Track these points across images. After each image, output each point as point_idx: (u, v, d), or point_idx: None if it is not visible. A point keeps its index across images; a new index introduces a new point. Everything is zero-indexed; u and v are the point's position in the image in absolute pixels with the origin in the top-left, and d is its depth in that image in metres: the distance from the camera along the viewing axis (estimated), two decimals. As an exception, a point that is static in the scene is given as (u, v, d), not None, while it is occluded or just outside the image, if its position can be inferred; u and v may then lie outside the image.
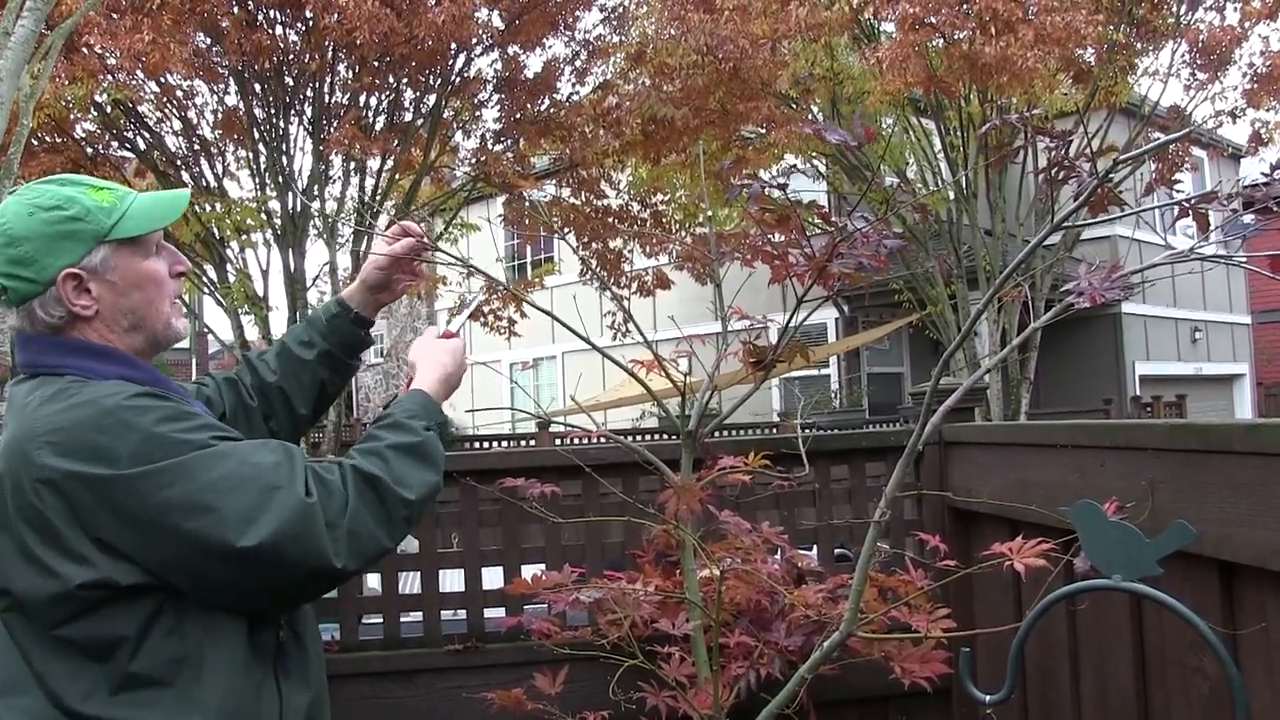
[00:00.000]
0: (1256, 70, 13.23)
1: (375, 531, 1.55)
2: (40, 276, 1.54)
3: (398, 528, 1.60)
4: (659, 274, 14.61)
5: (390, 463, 1.61)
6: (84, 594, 1.43)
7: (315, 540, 1.48)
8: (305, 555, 1.48)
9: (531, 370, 22.68)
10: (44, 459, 1.43)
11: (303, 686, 1.63)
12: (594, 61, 13.38)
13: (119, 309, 1.60)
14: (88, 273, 1.56)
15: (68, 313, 1.56)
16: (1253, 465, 1.88)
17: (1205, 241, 2.10)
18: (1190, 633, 1.70)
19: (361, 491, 1.56)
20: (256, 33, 10.72)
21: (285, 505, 1.47)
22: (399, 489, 1.58)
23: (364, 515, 1.54)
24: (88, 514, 1.43)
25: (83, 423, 1.46)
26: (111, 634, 1.45)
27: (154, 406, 1.50)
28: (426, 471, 1.65)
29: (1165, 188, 12.53)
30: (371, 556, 1.58)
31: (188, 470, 1.45)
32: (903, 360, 18.42)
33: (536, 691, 2.65)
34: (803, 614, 2.58)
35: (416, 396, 1.78)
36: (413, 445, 1.66)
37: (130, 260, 1.61)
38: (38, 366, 1.58)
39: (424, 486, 1.63)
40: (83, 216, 1.57)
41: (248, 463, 1.50)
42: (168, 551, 1.45)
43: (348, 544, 1.51)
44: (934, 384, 2.27)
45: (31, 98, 5.39)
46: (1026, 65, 10.08)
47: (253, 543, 1.44)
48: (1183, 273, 12.41)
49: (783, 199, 2.35)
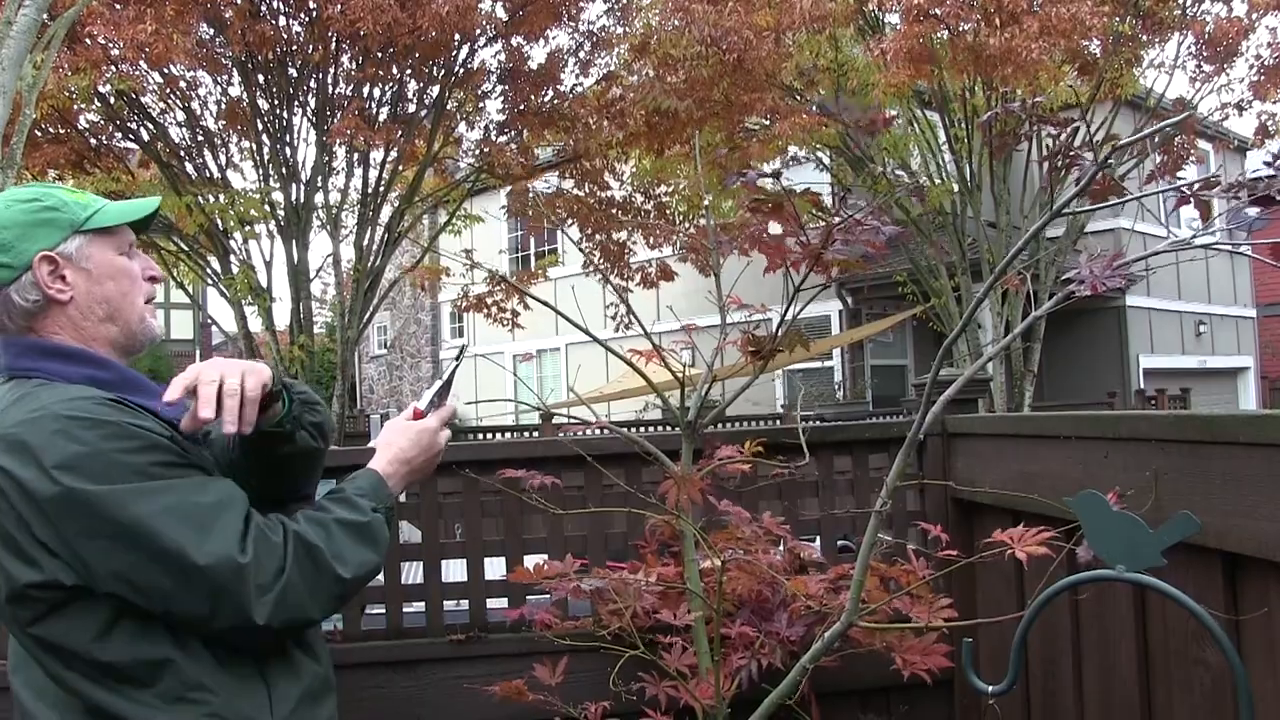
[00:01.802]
0: (1264, 62, 13.18)
1: (305, 601, 1.53)
2: (16, 261, 1.59)
3: (327, 603, 1.59)
4: (662, 265, 14.60)
5: (333, 537, 1.59)
6: (36, 594, 1.45)
7: (239, 597, 1.46)
8: (225, 609, 1.46)
9: (534, 362, 22.67)
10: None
11: (292, 676, 1.63)
12: (598, 53, 13.35)
13: (94, 297, 1.63)
14: (63, 259, 1.61)
15: (44, 296, 1.60)
16: (1257, 457, 1.87)
17: (1208, 230, 2.09)
18: (1193, 623, 1.69)
19: (299, 559, 1.54)
20: (260, 23, 10.71)
21: (213, 554, 1.45)
22: (335, 565, 1.57)
23: (297, 583, 1.52)
24: (29, 517, 1.44)
25: (30, 427, 1.47)
26: (74, 637, 1.47)
27: (105, 421, 1.49)
28: (367, 551, 1.63)
29: (1169, 179, 12.51)
30: (295, 624, 1.55)
31: (119, 499, 1.43)
32: (906, 353, 18.40)
33: (537, 682, 2.65)
34: (804, 604, 2.58)
35: (370, 476, 1.76)
36: (358, 524, 1.64)
37: (104, 252, 1.65)
38: (13, 370, 1.61)
39: (361, 566, 1.62)
40: (59, 207, 1.63)
41: (186, 501, 1.48)
42: (98, 569, 1.44)
43: (273, 609, 1.49)
44: (934, 374, 2.26)
45: (34, 88, 5.39)
46: (1031, 57, 10.04)
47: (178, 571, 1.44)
48: (1186, 260, 12.30)
49: (776, 188, 2.34)
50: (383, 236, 12.76)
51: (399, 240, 13.41)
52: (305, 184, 11.91)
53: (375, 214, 12.54)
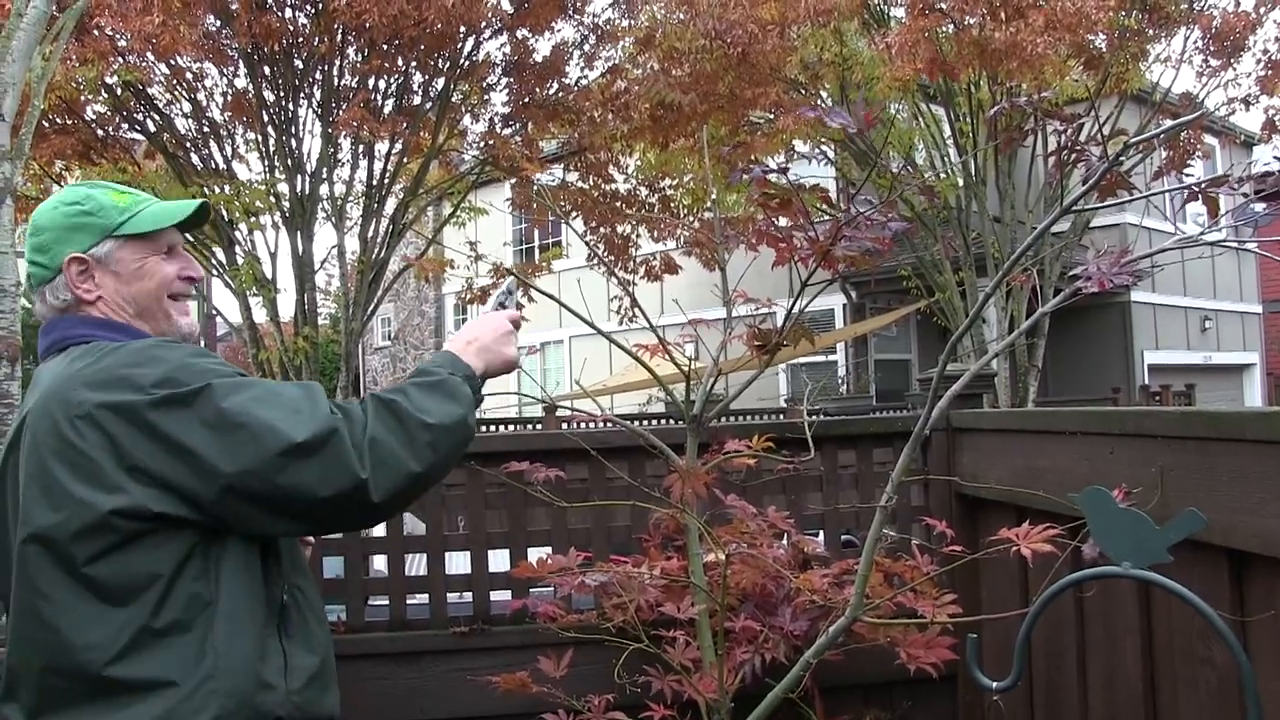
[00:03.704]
0: (1271, 57, 13.10)
1: (397, 450, 1.57)
2: (51, 263, 1.69)
3: (422, 451, 1.60)
4: (666, 259, 14.58)
5: (409, 394, 1.64)
6: (116, 522, 1.48)
7: (343, 456, 1.52)
8: (332, 472, 1.52)
9: (538, 355, 22.67)
10: (80, 396, 1.51)
11: (307, 649, 1.67)
12: (602, 46, 13.31)
13: (121, 296, 1.71)
14: (93, 260, 1.69)
15: (73, 296, 1.69)
16: (1264, 454, 1.87)
17: (1215, 226, 2.09)
18: (1199, 621, 1.69)
19: (379, 413, 1.58)
20: (266, 15, 10.69)
21: (314, 419, 1.52)
22: (419, 414, 1.60)
23: (383, 433, 1.56)
24: (124, 442, 1.49)
25: (115, 363, 1.55)
26: (143, 571, 1.50)
27: (181, 346, 1.63)
28: (450, 404, 1.67)
29: (1176, 174, 12.46)
30: (398, 478, 1.57)
31: (218, 392, 1.52)
32: (910, 347, 18.38)
33: (541, 674, 2.65)
34: (808, 599, 2.58)
35: (441, 354, 1.82)
36: (433, 382, 1.69)
37: (135, 255, 1.72)
38: (66, 340, 1.67)
39: (447, 415, 1.64)
40: (95, 212, 1.70)
41: (272, 390, 1.57)
42: (205, 459, 1.49)
43: (371, 457, 1.53)
44: (940, 369, 2.26)
45: (43, 79, 5.38)
46: (1037, 51, 10.02)
47: (284, 444, 1.50)
48: (1192, 256, 12.29)
49: (785, 183, 2.34)
50: (387, 228, 12.76)
51: (403, 232, 13.40)
52: (310, 175, 11.90)
53: (380, 206, 12.53)
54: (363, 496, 1.54)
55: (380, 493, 1.55)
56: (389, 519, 1.70)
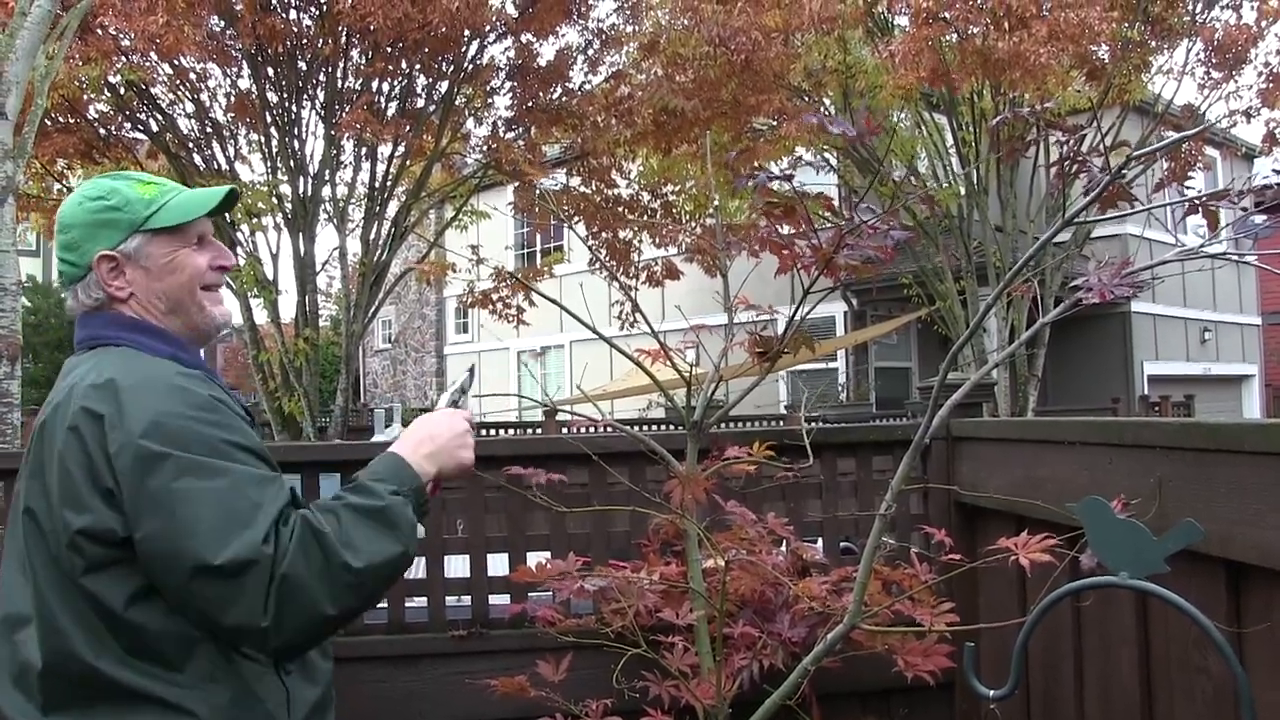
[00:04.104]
0: (1272, 69, 13.13)
1: (312, 591, 1.44)
2: (80, 260, 1.66)
3: (340, 594, 1.47)
4: (668, 264, 14.59)
5: (343, 523, 1.50)
6: (85, 543, 1.46)
7: (248, 593, 1.42)
8: (236, 605, 1.42)
9: (539, 359, 22.69)
10: (80, 407, 1.50)
11: (308, 681, 1.63)
12: (606, 51, 13.34)
13: (153, 292, 1.67)
14: (122, 257, 1.65)
15: (104, 294, 1.66)
16: (1262, 465, 1.87)
17: (1216, 239, 2.09)
18: (1196, 631, 1.70)
19: (304, 546, 1.46)
20: (270, 16, 10.71)
21: (243, 542, 1.42)
22: (344, 553, 1.47)
23: (300, 569, 1.44)
24: (98, 461, 1.46)
25: (117, 380, 1.51)
26: (114, 593, 1.47)
27: (191, 393, 1.54)
28: (384, 540, 1.52)
29: (1177, 185, 12.49)
30: (307, 621, 1.46)
31: (171, 468, 1.45)
32: (910, 355, 18.38)
33: (539, 678, 2.65)
34: (807, 606, 2.59)
35: (387, 459, 1.67)
36: (371, 509, 1.54)
37: (165, 249, 1.67)
38: (97, 340, 1.65)
39: (377, 554, 1.50)
40: (121, 206, 1.65)
41: (229, 486, 1.47)
42: (139, 528, 1.45)
43: (277, 600, 1.42)
44: (941, 378, 2.27)
45: (47, 78, 5.40)
46: (1040, 61, 10.02)
47: (196, 560, 1.41)
48: (1192, 268, 12.27)
49: (789, 190, 2.35)
50: (389, 231, 12.76)
51: (405, 235, 13.40)
52: (313, 177, 11.91)
53: (382, 208, 12.54)
54: (260, 639, 1.45)
55: (281, 637, 1.45)
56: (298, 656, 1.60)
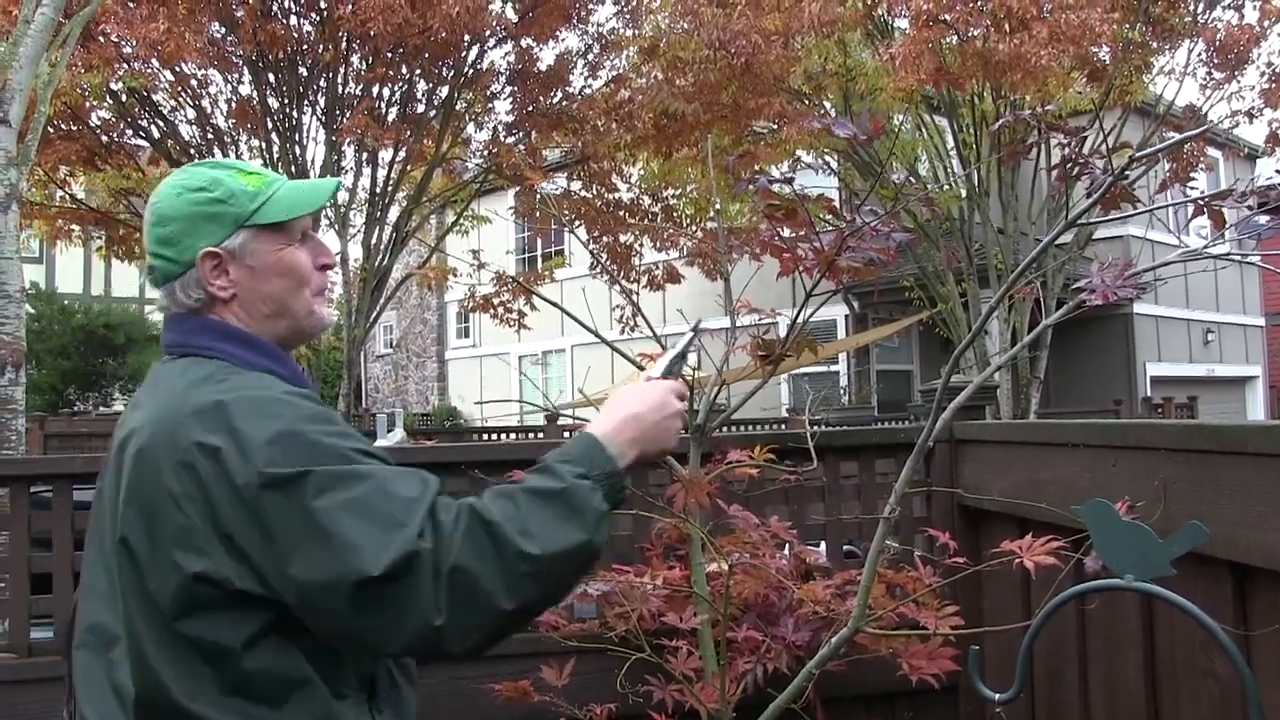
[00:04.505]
0: (1275, 70, 13.14)
1: (486, 585, 1.32)
2: (180, 257, 1.51)
3: (518, 585, 1.34)
4: (669, 268, 14.60)
5: (519, 508, 1.38)
6: (199, 588, 1.33)
7: (416, 591, 1.31)
8: (407, 608, 1.31)
9: (540, 364, 22.70)
10: (188, 439, 1.35)
11: (397, 716, 1.52)
12: (606, 55, 13.37)
13: (258, 295, 1.54)
14: (227, 255, 1.51)
15: (205, 294, 1.52)
16: (1266, 467, 1.87)
17: (1219, 240, 2.09)
18: (1201, 634, 1.69)
19: (473, 536, 1.34)
20: (271, 22, 10.74)
21: (399, 545, 1.30)
22: (519, 540, 1.34)
23: (471, 564, 1.32)
24: (218, 503, 1.33)
25: (231, 407, 1.38)
26: (221, 639, 1.35)
27: (301, 405, 1.42)
28: (565, 527, 1.38)
29: (1180, 186, 12.48)
30: (484, 618, 1.34)
31: (313, 485, 1.33)
32: (912, 358, 18.39)
33: (543, 683, 2.65)
34: (811, 609, 2.58)
35: (581, 439, 1.53)
36: (550, 492, 1.41)
37: (270, 246, 1.54)
38: (187, 347, 1.52)
39: (558, 542, 1.36)
40: (226, 199, 1.52)
41: (380, 490, 1.35)
42: (289, 563, 1.32)
43: (449, 595, 1.31)
44: (945, 381, 2.27)
45: (49, 85, 5.41)
46: (1040, 63, 10.03)
47: (357, 575, 1.29)
48: (1195, 269, 12.26)
49: (790, 193, 2.35)
50: (390, 236, 12.79)
51: (406, 240, 13.43)
52: (314, 183, 11.93)
53: (383, 213, 12.57)
54: (437, 642, 1.32)
55: (458, 641, 1.33)
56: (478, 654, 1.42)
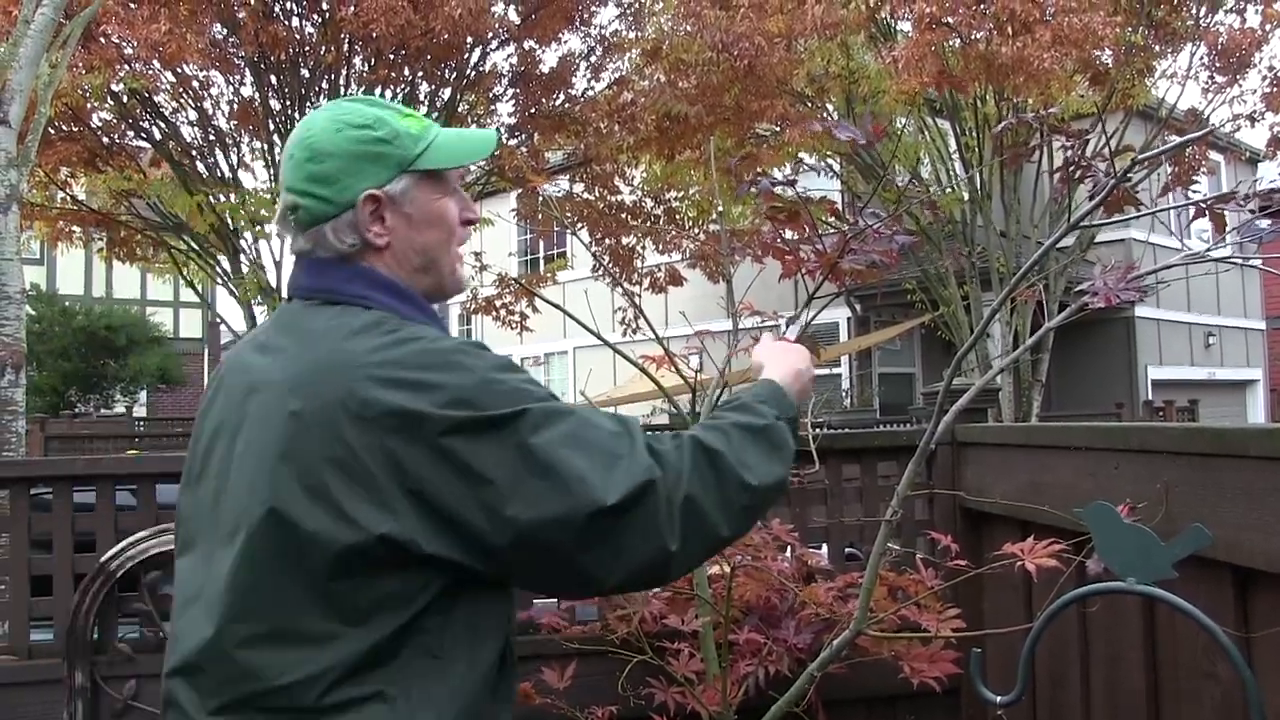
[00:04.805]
0: (1276, 74, 13.14)
1: (712, 514, 1.34)
2: (338, 197, 1.40)
3: (736, 516, 1.39)
4: (671, 270, 14.61)
5: (733, 441, 1.41)
6: (379, 550, 1.24)
7: (653, 519, 1.29)
8: (643, 536, 1.29)
9: (542, 366, 22.70)
10: (368, 393, 1.26)
11: (507, 702, 1.44)
12: (609, 57, 13.38)
13: (412, 245, 1.45)
14: (387, 199, 1.42)
15: (360, 239, 1.42)
16: (1268, 471, 1.87)
17: (1221, 244, 2.09)
18: (1204, 637, 1.69)
19: (699, 466, 1.35)
20: (273, 24, 10.75)
21: (630, 472, 1.28)
22: (740, 471, 1.38)
23: (700, 493, 1.33)
24: (407, 462, 1.24)
25: (414, 359, 1.29)
26: (387, 601, 1.27)
27: (487, 353, 1.34)
28: (772, 461, 1.44)
29: (1182, 190, 12.48)
30: (707, 544, 1.37)
31: (529, 422, 1.27)
32: (914, 361, 18.37)
33: (545, 685, 2.65)
34: (812, 612, 2.58)
35: (766, 385, 1.60)
36: (759, 428, 1.46)
37: (429, 195, 1.46)
38: (336, 294, 1.41)
39: (769, 475, 1.42)
40: (391, 139, 1.43)
41: (589, 424, 1.32)
42: (498, 509, 1.25)
43: (682, 522, 1.31)
44: (947, 384, 2.26)
45: (50, 86, 5.41)
46: (1043, 66, 10.04)
47: (592, 506, 1.25)
48: (1197, 272, 12.26)
49: (792, 196, 2.35)
50: (392, 237, 12.77)
51: (408, 242, 13.41)
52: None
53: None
54: (663, 570, 1.34)
55: (682, 566, 1.36)
56: None
